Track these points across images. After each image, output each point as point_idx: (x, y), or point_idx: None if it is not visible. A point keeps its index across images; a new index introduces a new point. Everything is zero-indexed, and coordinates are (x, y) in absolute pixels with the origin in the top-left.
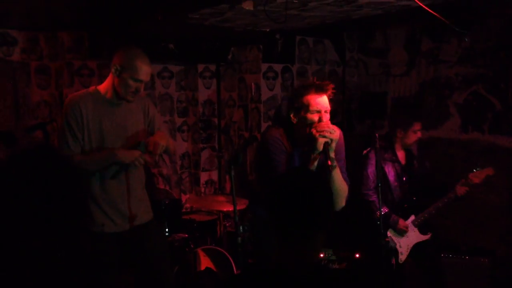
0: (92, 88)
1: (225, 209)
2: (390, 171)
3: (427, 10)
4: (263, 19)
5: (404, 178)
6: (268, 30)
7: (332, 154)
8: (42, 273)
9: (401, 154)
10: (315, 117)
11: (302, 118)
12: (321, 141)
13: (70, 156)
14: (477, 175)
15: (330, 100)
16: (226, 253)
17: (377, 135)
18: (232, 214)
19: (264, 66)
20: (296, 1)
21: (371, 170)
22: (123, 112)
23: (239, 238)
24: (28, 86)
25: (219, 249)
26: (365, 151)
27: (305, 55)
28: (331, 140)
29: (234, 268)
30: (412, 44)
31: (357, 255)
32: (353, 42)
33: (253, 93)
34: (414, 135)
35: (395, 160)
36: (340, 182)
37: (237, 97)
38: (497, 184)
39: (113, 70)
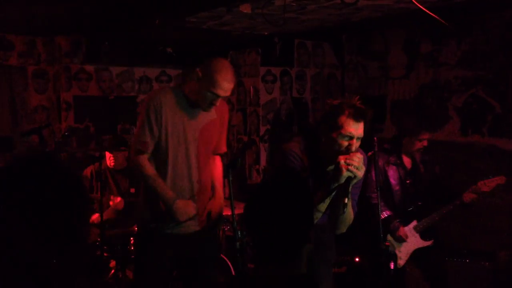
0: (176, 86)
1: (223, 214)
2: (392, 175)
3: (426, 13)
4: (261, 22)
5: (408, 182)
6: (266, 33)
7: (350, 189)
8: (37, 283)
9: (406, 158)
10: (344, 143)
11: (331, 138)
12: (345, 175)
13: (142, 158)
14: (487, 183)
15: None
16: (225, 258)
17: (376, 138)
18: (231, 219)
19: (262, 70)
20: (294, 4)
21: (374, 173)
22: (202, 115)
23: (238, 243)
24: (25, 91)
25: None
26: (369, 153)
27: (304, 59)
28: (355, 177)
29: (233, 273)
30: (411, 47)
31: (357, 259)
32: (352, 45)
33: (251, 97)
34: (419, 143)
35: (399, 164)
36: (348, 211)
37: (236, 101)
38: (498, 187)
39: (195, 76)
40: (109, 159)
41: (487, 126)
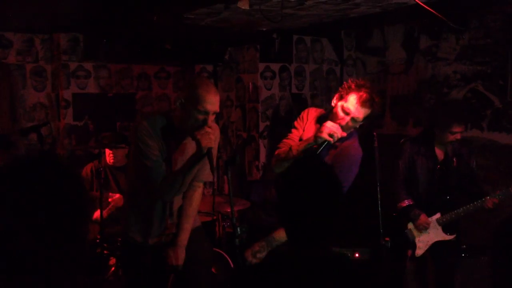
0: (165, 112)
1: (223, 210)
2: (420, 165)
3: (425, 8)
4: (260, 18)
5: (437, 175)
6: (265, 29)
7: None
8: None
9: (439, 150)
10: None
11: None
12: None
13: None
14: None
15: None
16: (225, 254)
17: (375, 133)
18: (230, 215)
19: (261, 66)
20: (292, 0)
21: (402, 161)
22: (190, 144)
23: (237, 240)
24: (24, 89)
25: (218, 250)
26: (402, 141)
27: (302, 54)
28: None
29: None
30: (410, 42)
31: (357, 255)
32: (350, 41)
33: (250, 93)
34: (452, 136)
35: (429, 155)
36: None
37: (235, 97)
38: (497, 181)
39: (178, 103)
40: (109, 156)
41: (487, 120)
